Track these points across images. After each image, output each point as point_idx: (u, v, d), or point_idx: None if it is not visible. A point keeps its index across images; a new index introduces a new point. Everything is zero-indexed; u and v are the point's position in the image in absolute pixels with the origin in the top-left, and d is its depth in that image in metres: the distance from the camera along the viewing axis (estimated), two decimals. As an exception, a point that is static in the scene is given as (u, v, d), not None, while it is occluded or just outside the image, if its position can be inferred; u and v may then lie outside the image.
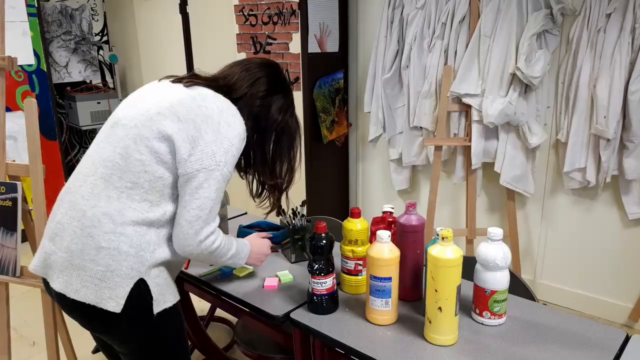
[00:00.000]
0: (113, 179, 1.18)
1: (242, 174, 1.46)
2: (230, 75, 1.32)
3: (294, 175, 1.45)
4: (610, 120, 2.23)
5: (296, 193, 3.13)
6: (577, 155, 2.40)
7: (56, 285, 1.19)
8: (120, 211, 1.17)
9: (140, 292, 1.18)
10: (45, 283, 1.26)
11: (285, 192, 1.47)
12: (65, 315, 1.81)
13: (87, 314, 1.19)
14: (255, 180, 1.44)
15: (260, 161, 1.38)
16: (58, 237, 1.20)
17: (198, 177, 1.17)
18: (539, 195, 2.72)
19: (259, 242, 1.47)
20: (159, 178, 1.18)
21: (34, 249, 1.84)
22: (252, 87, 1.30)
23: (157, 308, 1.21)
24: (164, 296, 1.23)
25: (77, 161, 4.33)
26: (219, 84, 1.30)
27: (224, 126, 1.19)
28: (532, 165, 2.59)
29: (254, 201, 1.47)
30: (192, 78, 1.29)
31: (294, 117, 1.40)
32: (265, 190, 1.45)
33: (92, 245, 1.16)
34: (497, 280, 1.24)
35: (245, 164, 1.41)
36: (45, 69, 3.74)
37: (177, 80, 1.29)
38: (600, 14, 2.21)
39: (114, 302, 1.16)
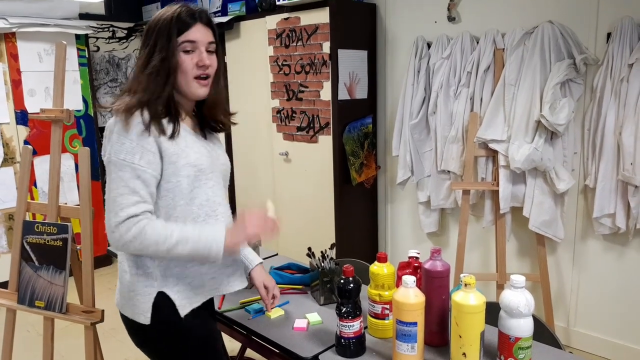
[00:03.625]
0: None
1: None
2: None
3: None
4: (637, 167, 2.25)
5: (325, 235, 3.22)
6: (605, 201, 2.41)
7: (116, 304, 1.38)
8: None
9: (162, 303, 1.31)
10: None
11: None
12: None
13: (130, 328, 1.37)
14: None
15: None
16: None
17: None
18: (569, 240, 2.71)
19: (236, 225, 1.30)
20: None
21: (79, 286, 1.96)
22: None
23: (183, 311, 1.32)
24: (189, 299, 1.34)
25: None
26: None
27: (111, 127, 1.26)
28: (561, 210, 2.60)
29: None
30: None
31: None
32: None
33: (122, 269, 1.36)
34: (521, 327, 1.26)
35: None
36: (92, 114, 3.99)
37: None
38: (623, 64, 2.26)
39: (143, 316, 1.31)
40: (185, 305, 1.32)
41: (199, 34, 1.28)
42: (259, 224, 1.29)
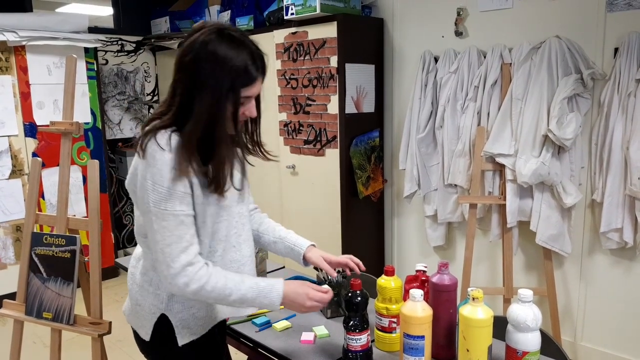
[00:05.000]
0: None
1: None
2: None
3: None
4: (645, 182, 2.24)
5: (332, 248, 3.21)
6: (613, 215, 2.40)
7: (124, 310, 1.44)
8: (145, 255, 1.34)
9: (164, 325, 1.32)
10: None
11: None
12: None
13: (135, 335, 1.40)
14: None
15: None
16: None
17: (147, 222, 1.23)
18: (576, 254, 2.69)
19: (295, 289, 1.31)
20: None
21: (87, 298, 1.97)
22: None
23: (181, 340, 1.32)
24: (190, 329, 1.33)
25: (124, 212, 4.55)
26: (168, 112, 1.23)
27: (142, 172, 1.21)
28: (568, 224, 2.59)
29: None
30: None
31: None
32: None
33: (133, 281, 1.38)
34: (529, 341, 1.26)
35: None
36: (100, 127, 4.03)
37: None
38: (630, 79, 2.27)
39: (144, 331, 1.34)
40: (185, 334, 1.33)
41: (257, 89, 1.24)
42: (317, 302, 1.32)
